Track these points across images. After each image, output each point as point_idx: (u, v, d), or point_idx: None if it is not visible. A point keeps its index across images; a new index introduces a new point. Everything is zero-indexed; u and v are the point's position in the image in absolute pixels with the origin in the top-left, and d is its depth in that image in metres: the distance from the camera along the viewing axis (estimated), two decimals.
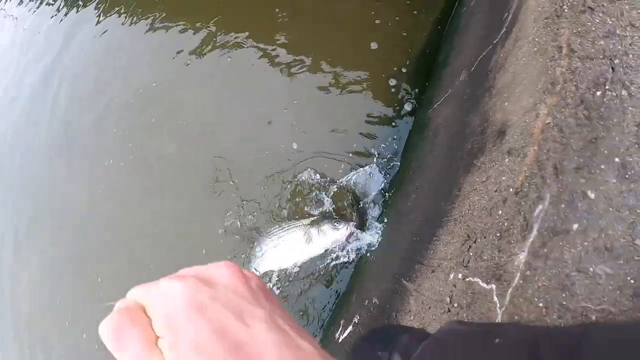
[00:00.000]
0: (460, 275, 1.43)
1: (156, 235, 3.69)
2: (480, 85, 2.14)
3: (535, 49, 1.64)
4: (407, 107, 3.05)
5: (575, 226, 1.21)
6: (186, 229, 3.56)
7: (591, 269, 1.15)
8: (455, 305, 1.37)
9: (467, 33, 2.66)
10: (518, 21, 1.94)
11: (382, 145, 3.07)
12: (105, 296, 3.85)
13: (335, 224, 2.74)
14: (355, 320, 2.42)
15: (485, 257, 1.39)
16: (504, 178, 1.49)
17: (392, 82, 3.17)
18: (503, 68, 1.93)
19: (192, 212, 3.57)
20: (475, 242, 1.49)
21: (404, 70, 3.16)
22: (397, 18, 3.26)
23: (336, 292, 2.99)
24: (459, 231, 1.68)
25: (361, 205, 2.95)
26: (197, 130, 3.81)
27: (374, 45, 3.29)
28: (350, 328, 2.44)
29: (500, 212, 1.44)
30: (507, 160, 1.53)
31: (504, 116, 1.72)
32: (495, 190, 1.52)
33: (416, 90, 3.10)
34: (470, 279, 1.34)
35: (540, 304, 1.18)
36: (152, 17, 4.65)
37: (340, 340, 2.49)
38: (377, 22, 3.33)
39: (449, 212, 1.87)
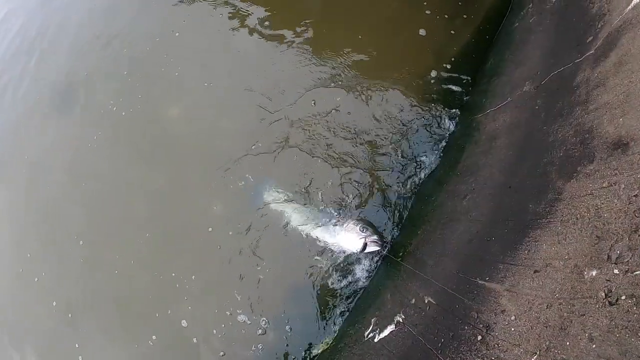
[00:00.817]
0: (616, 271, 1.41)
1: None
2: (563, 99, 2.19)
3: None
4: (452, 109, 3.05)
5: None
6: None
7: None
8: (623, 297, 1.33)
9: (527, 47, 2.74)
10: (617, 48, 2.03)
11: (421, 143, 3.02)
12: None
13: (362, 229, 2.65)
14: (399, 319, 2.28)
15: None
16: None
17: (433, 74, 3.17)
18: (603, 86, 1.99)
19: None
20: (619, 241, 1.48)
21: (448, 67, 3.17)
22: (446, 16, 3.27)
23: (353, 290, 2.83)
24: (576, 232, 1.66)
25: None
26: None
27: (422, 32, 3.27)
28: (391, 327, 2.30)
29: None
30: None
31: (621, 130, 1.75)
32: (635, 195, 1.53)
33: (461, 90, 3.12)
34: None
35: None
36: None
37: (377, 340, 2.33)
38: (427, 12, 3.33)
39: (547, 213, 1.86)
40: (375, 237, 2.63)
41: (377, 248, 2.63)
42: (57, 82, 4.30)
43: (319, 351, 2.80)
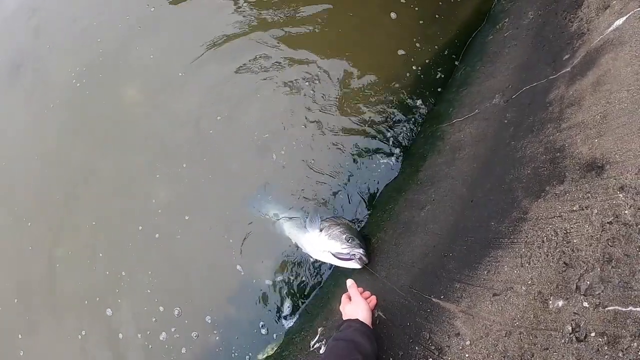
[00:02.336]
0: (585, 304, 1.23)
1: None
2: (535, 115, 2.06)
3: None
4: (416, 114, 2.86)
5: None
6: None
7: None
8: (593, 334, 1.16)
9: (500, 60, 2.61)
10: (596, 67, 1.92)
11: (383, 146, 2.81)
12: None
13: (348, 239, 2.29)
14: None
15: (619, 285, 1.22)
16: (626, 212, 1.35)
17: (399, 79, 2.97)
18: (577, 105, 1.86)
19: None
20: (589, 271, 1.31)
21: (415, 72, 2.99)
22: (421, 22, 3.09)
23: (302, 293, 2.56)
24: (542, 256, 1.49)
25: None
26: None
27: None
28: None
29: (623, 243, 1.29)
30: (621, 195, 1.41)
31: (595, 152, 1.62)
32: (609, 222, 1.38)
33: (423, 100, 2.94)
34: (618, 308, 1.15)
35: None
36: None
37: (322, 351, 2.09)
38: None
39: (510, 233, 1.69)
40: (361, 251, 2.26)
41: (359, 266, 2.26)
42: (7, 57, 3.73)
43: (263, 357, 2.50)
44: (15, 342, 2.76)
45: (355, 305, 1.80)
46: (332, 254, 2.26)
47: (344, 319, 1.79)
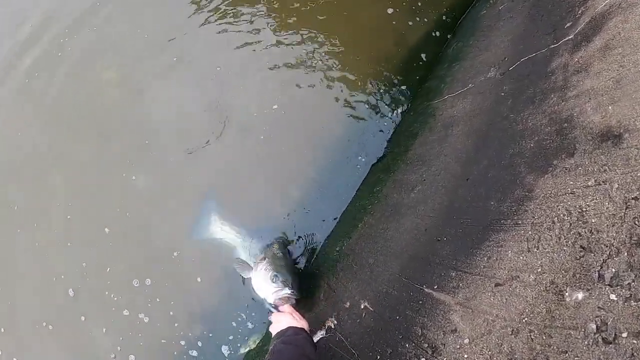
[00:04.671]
0: (612, 296, 0.97)
1: None
2: (535, 85, 1.79)
3: None
4: (404, 92, 2.56)
5: None
6: None
7: None
8: (625, 335, 0.89)
9: (494, 34, 2.32)
10: (603, 32, 1.64)
11: (369, 126, 2.51)
12: None
13: (273, 278, 1.92)
14: (331, 324, 1.76)
15: None
16: None
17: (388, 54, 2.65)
18: (585, 72, 1.59)
19: None
20: (613, 256, 1.04)
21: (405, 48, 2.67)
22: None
23: None
24: (552, 239, 1.22)
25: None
26: None
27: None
28: (321, 333, 1.78)
29: None
30: None
31: (610, 120, 1.35)
32: (635, 198, 1.11)
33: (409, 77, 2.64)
34: None
35: None
36: None
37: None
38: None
39: (513, 214, 1.41)
40: (287, 291, 1.88)
41: (289, 302, 1.89)
42: None
43: (245, 350, 2.22)
44: None
45: (298, 317, 1.73)
46: (267, 303, 1.94)
47: (284, 327, 1.64)
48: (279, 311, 1.80)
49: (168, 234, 2.44)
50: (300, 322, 1.65)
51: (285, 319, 1.67)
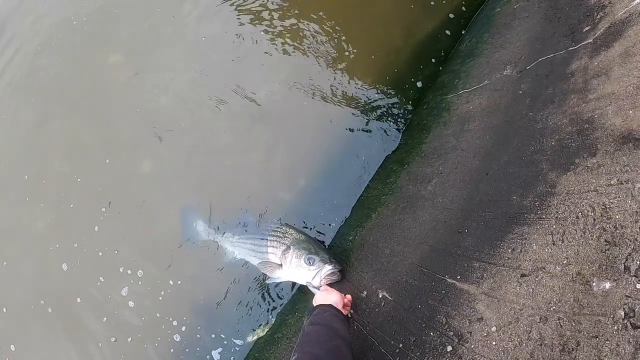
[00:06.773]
0: (639, 286, 1.07)
1: None
2: (554, 85, 1.87)
3: None
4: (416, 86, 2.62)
5: None
6: None
7: None
8: None
9: (510, 32, 2.40)
10: (622, 39, 1.73)
11: (381, 118, 2.56)
12: None
13: (309, 260, 1.98)
14: (347, 314, 1.82)
15: None
16: None
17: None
18: (605, 76, 1.68)
19: None
20: (638, 250, 1.14)
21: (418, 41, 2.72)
22: None
23: None
24: (577, 233, 1.32)
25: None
26: None
27: None
28: None
29: None
30: None
31: (631, 124, 1.44)
32: None
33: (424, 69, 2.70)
34: None
35: None
36: None
37: None
38: None
39: (536, 208, 1.50)
40: (328, 267, 1.95)
41: (337, 279, 1.98)
42: None
43: (254, 338, 2.25)
44: None
45: (327, 292, 1.77)
46: (312, 286, 1.99)
47: (314, 304, 1.72)
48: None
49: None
50: (328, 297, 1.68)
51: (331, 294, 1.72)
